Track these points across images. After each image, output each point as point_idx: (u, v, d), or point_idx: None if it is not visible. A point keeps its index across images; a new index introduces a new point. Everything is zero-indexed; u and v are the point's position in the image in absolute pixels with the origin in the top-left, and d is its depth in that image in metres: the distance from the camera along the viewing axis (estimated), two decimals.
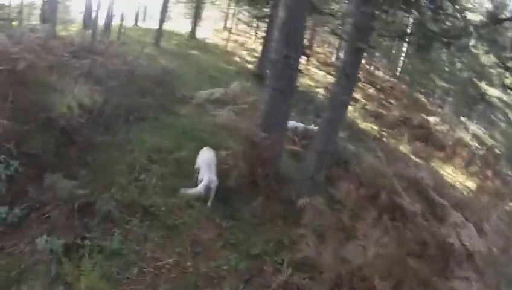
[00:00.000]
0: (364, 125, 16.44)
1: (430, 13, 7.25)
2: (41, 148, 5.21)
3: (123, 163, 5.73)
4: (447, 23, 8.19)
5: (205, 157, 5.81)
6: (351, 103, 20.14)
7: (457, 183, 13.66)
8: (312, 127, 9.33)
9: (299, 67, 6.24)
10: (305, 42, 29.05)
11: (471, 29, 8.37)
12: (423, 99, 26.01)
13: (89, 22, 16.72)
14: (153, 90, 8.57)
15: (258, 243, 5.02)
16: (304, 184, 5.93)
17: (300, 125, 9.29)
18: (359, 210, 5.67)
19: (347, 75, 5.53)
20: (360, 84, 23.32)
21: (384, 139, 15.42)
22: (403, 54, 26.57)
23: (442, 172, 13.96)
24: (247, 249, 4.87)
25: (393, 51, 27.93)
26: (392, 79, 27.03)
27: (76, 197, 4.65)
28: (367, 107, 19.40)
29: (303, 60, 23.93)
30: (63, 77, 5.47)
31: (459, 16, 8.73)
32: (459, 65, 24.71)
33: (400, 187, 6.25)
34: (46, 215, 4.52)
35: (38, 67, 5.07)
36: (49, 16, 14.26)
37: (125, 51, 10.17)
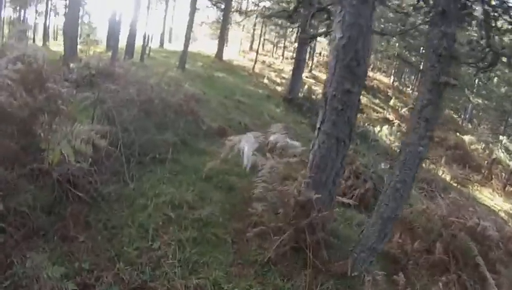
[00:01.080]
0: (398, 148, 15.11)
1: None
2: (31, 204, 4.09)
3: (133, 224, 4.49)
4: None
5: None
6: (386, 124, 19.34)
7: (498, 208, 12.61)
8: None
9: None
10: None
11: None
12: (455, 116, 24.51)
13: (112, 42, 16.05)
14: (174, 123, 7.36)
15: None
16: (361, 255, 4.55)
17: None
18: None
19: (426, 120, 4.06)
20: (391, 103, 22.15)
21: (423, 165, 14.11)
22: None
23: (480, 196, 13.11)
24: None
25: (421, 67, 26.42)
26: None
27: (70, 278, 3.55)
28: (402, 128, 18.24)
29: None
30: (58, 116, 4.35)
31: None
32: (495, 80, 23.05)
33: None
34: None
35: (16, 108, 3.96)
36: (68, 36, 13.65)
37: (147, 74, 9.12)
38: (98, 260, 3.94)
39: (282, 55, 27.92)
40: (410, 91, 26.80)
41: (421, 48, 21.66)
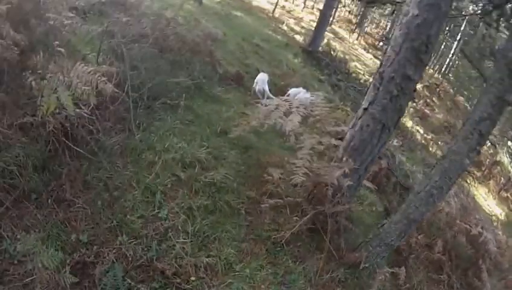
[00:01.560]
0: (409, 124, 14.76)
1: None
2: (22, 162, 3.49)
3: (138, 186, 3.95)
4: None
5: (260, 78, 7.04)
6: None
7: (488, 208, 12.36)
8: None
9: None
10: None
11: None
12: (466, 104, 23.58)
13: None
14: (189, 63, 6.57)
15: None
16: (377, 249, 4.27)
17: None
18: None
19: (481, 133, 3.65)
20: None
21: (430, 149, 13.84)
22: (452, 52, 23.87)
23: (475, 193, 12.63)
24: None
25: (442, 47, 25.07)
26: (436, 75, 24.65)
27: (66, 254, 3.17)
28: (413, 105, 17.52)
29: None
30: (56, 55, 3.60)
31: None
32: None
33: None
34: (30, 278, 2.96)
35: (5, 49, 3.20)
36: None
37: (162, 5, 8.19)
38: (97, 231, 3.47)
39: (304, 3, 26.24)
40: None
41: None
